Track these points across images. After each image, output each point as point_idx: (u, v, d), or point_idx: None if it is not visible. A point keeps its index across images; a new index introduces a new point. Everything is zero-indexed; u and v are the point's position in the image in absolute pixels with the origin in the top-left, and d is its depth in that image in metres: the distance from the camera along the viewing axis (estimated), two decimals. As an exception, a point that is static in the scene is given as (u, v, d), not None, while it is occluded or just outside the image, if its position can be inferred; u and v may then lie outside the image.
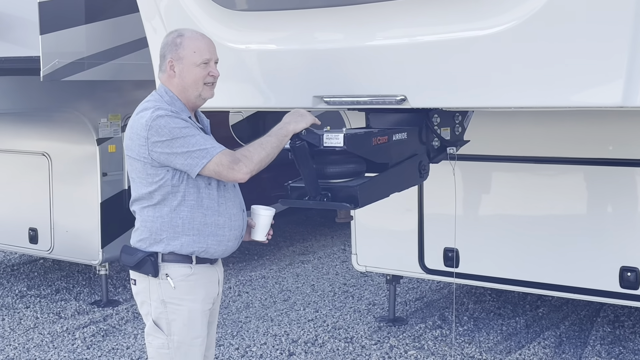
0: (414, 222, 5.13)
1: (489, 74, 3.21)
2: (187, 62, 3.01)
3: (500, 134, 4.73)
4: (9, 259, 7.62)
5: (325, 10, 3.54)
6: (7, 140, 6.37)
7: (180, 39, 3.04)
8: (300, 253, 7.80)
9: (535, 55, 3.09)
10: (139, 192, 3.03)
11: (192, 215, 2.98)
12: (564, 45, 3.01)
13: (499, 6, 3.10)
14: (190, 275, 3.02)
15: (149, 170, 2.96)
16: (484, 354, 4.92)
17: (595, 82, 3.00)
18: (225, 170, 2.91)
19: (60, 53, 5.02)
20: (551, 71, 3.07)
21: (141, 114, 2.97)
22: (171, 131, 2.88)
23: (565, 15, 2.98)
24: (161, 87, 3.08)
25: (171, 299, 3.01)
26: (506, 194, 4.84)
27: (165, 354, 3.04)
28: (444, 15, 3.24)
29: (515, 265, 4.80)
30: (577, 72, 3.02)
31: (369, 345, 5.13)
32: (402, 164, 3.54)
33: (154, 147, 2.90)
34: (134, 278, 3.09)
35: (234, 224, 3.08)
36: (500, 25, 3.10)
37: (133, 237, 3.08)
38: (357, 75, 3.52)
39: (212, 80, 3.07)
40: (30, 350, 5.16)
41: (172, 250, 2.99)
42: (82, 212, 5.98)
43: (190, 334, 3.04)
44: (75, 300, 6.22)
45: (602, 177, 4.51)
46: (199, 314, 3.06)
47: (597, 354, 4.84)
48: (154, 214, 3.00)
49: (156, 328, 3.04)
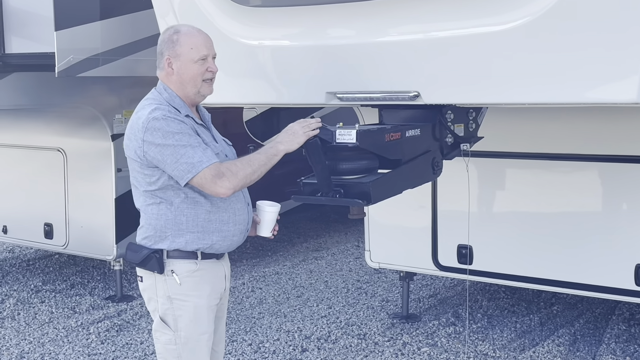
0: (428, 218, 5.13)
1: (503, 70, 3.20)
2: (185, 59, 2.99)
3: (514, 131, 4.72)
4: (24, 254, 7.68)
5: (338, 6, 3.54)
6: (22, 136, 6.42)
7: (176, 36, 3.01)
8: (313, 249, 7.81)
9: (550, 52, 3.08)
10: (141, 191, 3.03)
11: (195, 212, 2.98)
12: (578, 42, 3.00)
13: (513, 2, 3.09)
14: (195, 271, 3.02)
15: (146, 170, 2.96)
16: (498, 351, 4.91)
17: (610, 78, 2.98)
18: (208, 185, 2.88)
19: (75, 49, 5.04)
20: (565, 67, 3.06)
21: (140, 113, 2.97)
22: (164, 136, 2.87)
23: (579, 12, 2.97)
24: (160, 84, 3.07)
25: (177, 295, 3.01)
26: (520, 190, 4.83)
27: (172, 350, 3.03)
28: (457, 11, 3.24)
29: (529, 263, 4.79)
30: (592, 68, 3.01)
31: (382, 341, 5.13)
32: (415, 161, 3.53)
33: (148, 149, 2.90)
34: (141, 275, 3.09)
35: (238, 218, 3.07)
36: (514, 21, 3.09)
37: (138, 234, 3.09)
38: (370, 71, 3.52)
39: (210, 76, 3.05)
40: (45, 344, 5.20)
41: (177, 248, 2.99)
42: (97, 208, 6.02)
43: (197, 329, 3.04)
44: (90, 295, 6.26)
45: (617, 174, 4.49)
46: (205, 310, 3.05)
47: (612, 352, 4.82)
48: (157, 211, 3.00)
49: (163, 324, 3.03)
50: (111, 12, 5.25)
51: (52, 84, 5.58)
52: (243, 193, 3.11)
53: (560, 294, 5.64)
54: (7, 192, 6.54)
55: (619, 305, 5.60)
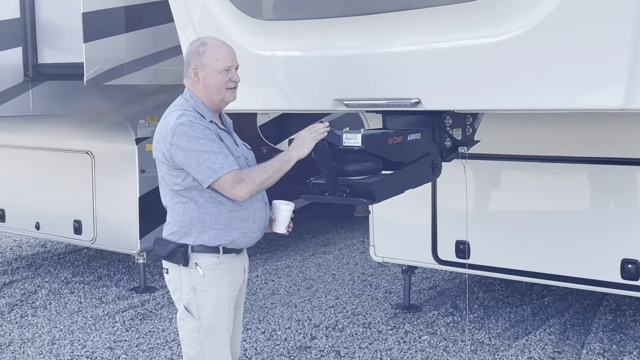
0: (428, 216, 5.11)
1: (498, 78, 3.19)
2: (210, 69, 3.02)
3: (509, 135, 4.70)
4: (55, 249, 7.71)
5: (344, 20, 3.54)
6: (53, 139, 6.43)
7: (203, 48, 3.04)
8: (322, 244, 7.81)
9: (541, 61, 3.07)
10: (168, 190, 3.05)
11: (218, 210, 3.00)
12: (568, 52, 2.99)
13: (506, 15, 3.08)
14: (217, 264, 3.04)
15: (173, 171, 2.99)
16: (493, 339, 4.90)
17: (598, 86, 2.97)
18: (228, 189, 2.92)
19: (102, 59, 5.06)
20: (556, 76, 3.05)
21: (167, 118, 3.00)
22: (190, 141, 2.90)
23: (569, 24, 2.96)
24: (187, 91, 3.09)
25: (200, 286, 3.03)
26: (514, 190, 4.81)
27: (195, 337, 3.05)
28: (455, 24, 3.23)
29: (522, 257, 4.77)
30: (581, 76, 2.99)
31: (386, 330, 5.12)
32: (416, 162, 3.52)
33: (175, 153, 2.93)
34: (166, 267, 3.11)
35: (257, 216, 3.09)
36: (508, 33, 3.08)
37: (165, 230, 3.10)
38: (375, 80, 3.51)
39: (233, 85, 3.08)
40: (75, 332, 5.21)
41: (201, 243, 3.01)
42: (122, 206, 6.03)
43: (219, 318, 3.05)
44: (116, 287, 6.28)
45: (605, 175, 4.47)
46: (226, 300, 3.07)
47: (600, 341, 4.80)
48: (183, 209, 3.02)
49: (187, 313, 3.05)
50: (135, 25, 5.27)
51: (81, 91, 5.60)
52: (261, 193, 3.13)
53: (551, 286, 5.62)
54: (39, 191, 6.56)
55: (606, 297, 5.58)
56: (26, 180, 6.64)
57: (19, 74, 5.55)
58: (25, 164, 6.66)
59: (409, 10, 3.33)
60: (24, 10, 5.50)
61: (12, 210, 6.75)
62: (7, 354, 4.83)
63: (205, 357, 3.04)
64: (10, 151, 6.71)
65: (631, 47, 2.84)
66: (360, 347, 4.83)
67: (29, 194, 6.61)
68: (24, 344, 4.99)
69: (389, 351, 4.75)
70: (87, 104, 5.95)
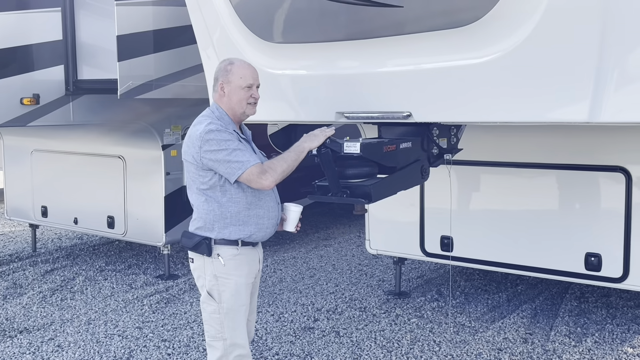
0: (417, 214, 5.12)
1: (479, 94, 3.20)
2: (234, 85, 3.05)
3: (488, 144, 4.70)
4: (91, 241, 7.72)
5: (345, 43, 3.54)
6: (90, 145, 6.44)
7: (230, 67, 3.08)
8: (323, 238, 7.81)
9: (517, 80, 3.07)
10: (195, 189, 3.07)
11: (237, 209, 3.02)
12: (540, 72, 3.00)
13: (487, 40, 3.08)
14: (237, 255, 3.06)
15: (200, 172, 3.00)
16: (473, 322, 4.90)
17: (566, 102, 2.98)
18: (255, 180, 2.94)
19: (134, 76, 5.06)
20: (530, 93, 3.05)
21: (197, 126, 3.02)
22: (218, 143, 2.93)
23: (541, 48, 2.96)
24: (213, 104, 3.12)
25: (222, 274, 3.05)
26: (492, 192, 4.81)
27: (216, 318, 3.07)
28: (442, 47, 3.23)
29: (499, 251, 4.77)
30: (551, 93, 3.00)
31: (379, 313, 5.13)
32: (407, 168, 3.53)
33: (204, 155, 2.95)
34: (192, 257, 3.12)
35: (271, 214, 3.12)
36: (488, 55, 3.09)
37: (191, 225, 3.12)
38: (371, 95, 3.51)
39: (253, 101, 3.11)
40: (108, 313, 5.22)
41: (222, 237, 3.04)
42: (150, 204, 6.03)
43: (237, 302, 3.08)
44: (144, 274, 6.28)
45: (571, 180, 4.47)
46: (244, 287, 3.10)
47: (566, 324, 4.80)
48: (207, 207, 3.03)
49: (210, 297, 3.07)
50: (162, 47, 5.27)
51: (114, 104, 5.61)
52: (275, 194, 3.16)
53: (523, 276, 5.62)
54: (77, 190, 6.57)
55: (571, 286, 5.58)
56: (66, 181, 6.65)
57: (61, 89, 5.57)
58: (65, 166, 6.67)
59: (401, 35, 3.34)
60: (65, 33, 5.53)
61: (53, 207, 6.76)
62: (49, 332, 4.84)
63: (225, 335, 3.07)
64: (53, 156, 6.72)
65: (595, 68, 2.85)
66: (357, 328, 4.83)
67: (69, 193, 6.62)
68: (64, 324, 5.00)
69: (382, 332, 4.75)
70: (120, 115, 5.96)
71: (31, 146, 6.83)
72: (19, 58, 5.37)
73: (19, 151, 6.93)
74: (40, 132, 6.43)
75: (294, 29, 3.74)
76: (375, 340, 4.60)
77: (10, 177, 7.11)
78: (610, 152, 4.29)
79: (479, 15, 3.07)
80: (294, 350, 4.46)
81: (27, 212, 6.95)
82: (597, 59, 2.83)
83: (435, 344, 4.51)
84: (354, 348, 4.47)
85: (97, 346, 4.56)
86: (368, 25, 3.41)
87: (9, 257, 6.93)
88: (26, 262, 6.75)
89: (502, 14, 3.03)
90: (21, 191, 6.98)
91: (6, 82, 5.29)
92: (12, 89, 5.36)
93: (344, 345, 4.53)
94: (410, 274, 6.17)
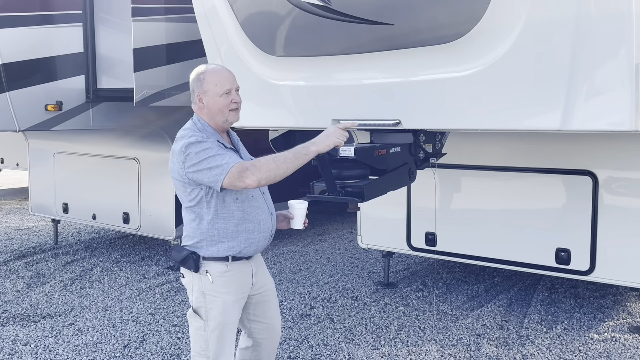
0: (404, 212, 5.12)
1: (462, 104, 3.21)
2: (211, 94, 2.67)
3: (470, 149, 4.71)
4: (108, 235, 7.69)
5: (340, 57, 3.55)
6: (108, 148, 6.43)
7: (202, 75, 2.70)
8: (319, 234, 7.80)
9: (496, 91, 3.09)
10: (184, 207, 2.75)
11: (225, 225, 2.67)
12: (517, 84, 3.01)
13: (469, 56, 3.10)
14: (226, 271, 2.70)
15: (187, 188, 2.66)
16: (454, 310, 4.90)
17: (540, 111, 2.99)
18: (235, 180, 2.53)
19: (148, 86, 5.06)
20: (507, 103, 3.07)
21: (179, 141, 2.66)
22: (198, 155, 2.57)
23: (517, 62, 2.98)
24: (195, 116, 2.76)
25: (209, 291, 2.69)
26: (473, 193, 4.82)
27: (202, 335, 2.73)
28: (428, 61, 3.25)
29: (478, 245, 4.78)
30: (526, 103, 3.02)
31: (369, 302, 5.12)
32: (396, 170, 3.54)
33: (188, 169, 2.60)
34: (182, 272, 2.78)
35: (262, 227, 2.74)
36: (470, 69, 3.11)
37: (181, 240, 2.79)
38: (364, 104, 3.52)
39: (235, 107, 2.71)
40: (123, 301, 5.20)
41: (210, 255, 2.70)
42: (162, 201, 6.01)
43: (224, 320, 2.71)
44: (156, 265, 6.26)
45: (544, 182, 4.48)
46: (232, 304, 2.73)
47: (538, 312, 4.81)
48: (195, 226, 2.70)
49: (195, 314, 2.74)
50: (174, 59, 5.27)
51: (130, 111, 5.60)
52: (267, 205, 2.81)
53: (499, 268, 5.63)
54: (96, 189, 6.55)
55: (543, 278, 5.59)
56: (85, 180, 6.63)
57: (82, 96, 5.56)
58: (85, 167, 6.65)
59: (391, 51, 3.34)
60: (86, 46, 5.52)
61: (74, 204, 6.73)
62: (69, 317, 4.82)
63: (208, 354, 2.71)
64: (74, 157, 6.70)
65: (567, 81, 2.87)
66: (349, 315, 4.83)
67: (88, 191, 6.60)
68: (83, 310, 4.98)
69: (372, 319, 4.75)
70: (135, 120, 5.94)
71: (54, 148, 6.80)
72: (44, 68, 5.36)
73: (43, 153, 6.91)
74: (62, 135, 6.42)
75: (294, 44, 3.75)
76: (366, 326, 4.60)
77: (34, 177, 7.08)
78: (579, 157, 4.30)
79: (462, 32, 3.09)
80: (292, 334, 4.45)
81: (50, 208, 6.92)
82: (568, 72, 2.85)
83: (420, 330, 4.51)
84: (346, 333, 4.46)
85: (114, 330, 4.55)
86: (361, 40, 3.42)
87: (32, 250, 6.90)
88: (48, 254, 6.72)
89: (482, 32, 3.04)
90: (44, 189, 6.96)
91: (32, 90, 5.28)
92: (38, 97, 5.35)
93: (337, 330, 4.52)
94: (398, 267, 6.17)
